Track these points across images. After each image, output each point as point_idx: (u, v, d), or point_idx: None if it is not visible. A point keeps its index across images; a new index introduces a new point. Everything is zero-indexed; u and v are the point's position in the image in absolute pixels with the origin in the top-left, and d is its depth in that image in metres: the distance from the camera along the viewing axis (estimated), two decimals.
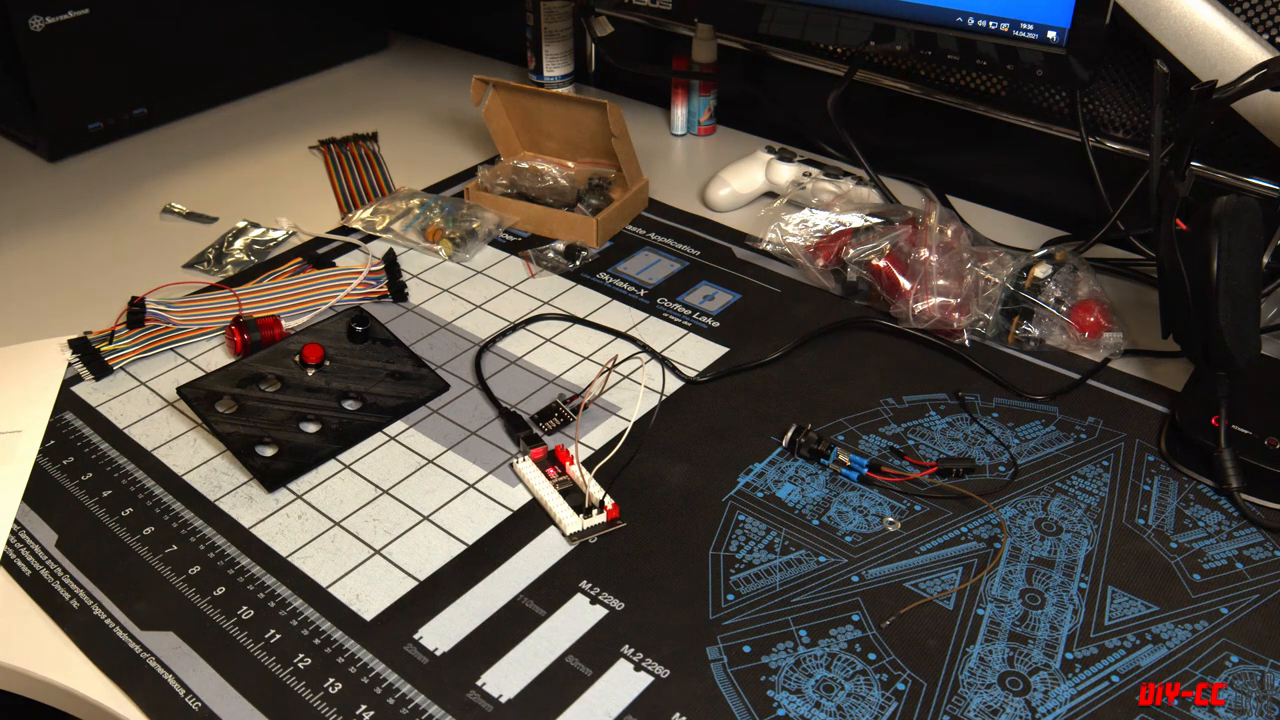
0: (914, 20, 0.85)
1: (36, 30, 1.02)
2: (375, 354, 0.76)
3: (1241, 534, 0.65)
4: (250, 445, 0.69)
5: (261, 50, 1.24)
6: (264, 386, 0.73)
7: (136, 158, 1.11)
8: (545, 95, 1.00)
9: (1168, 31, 0.81)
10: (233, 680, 0.55)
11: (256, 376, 0.73)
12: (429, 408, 0.75)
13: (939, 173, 1.04)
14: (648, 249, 0.94)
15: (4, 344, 0.81)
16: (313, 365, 0.74)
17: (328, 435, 0.71)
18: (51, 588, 0.61)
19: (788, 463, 0.70)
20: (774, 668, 0.56)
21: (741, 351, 0.80)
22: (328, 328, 0.77)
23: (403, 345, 0.77)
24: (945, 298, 0.80)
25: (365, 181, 1.05)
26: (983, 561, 0.63)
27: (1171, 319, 0.72)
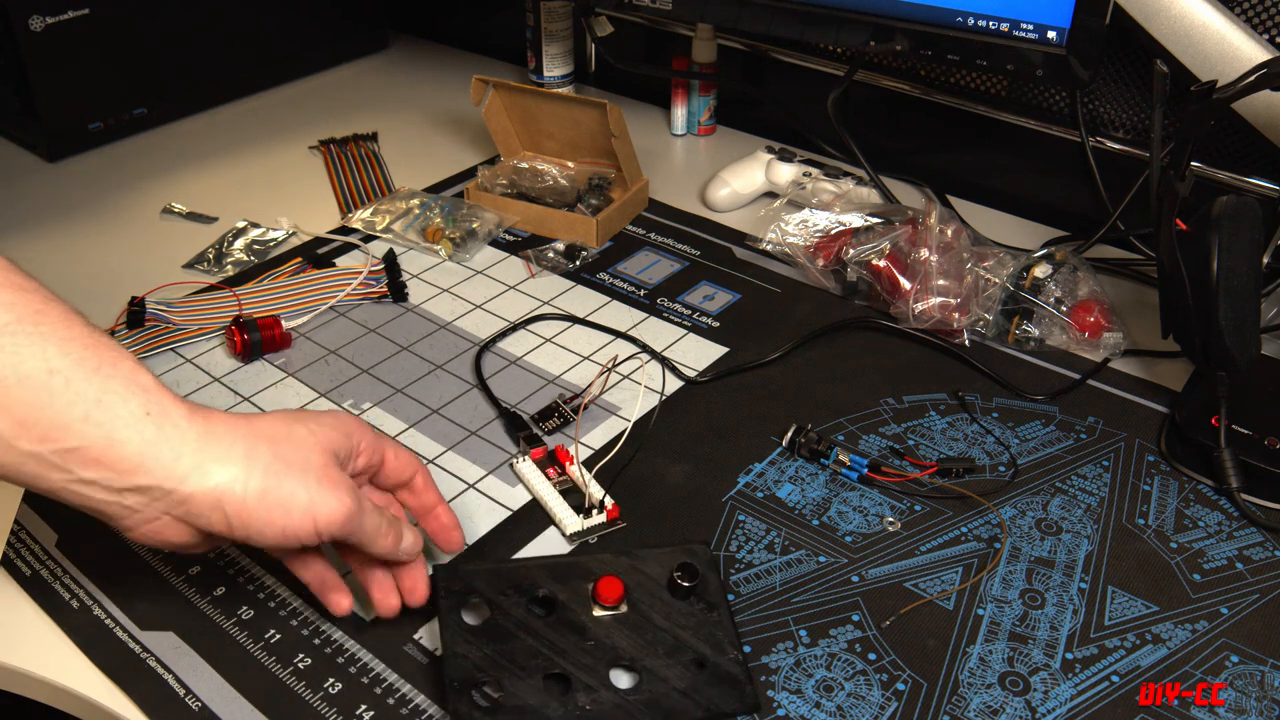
0: (914, 20, 0.85)
1: (36, 30, 1.02)
2: (691, 622, 0.57)
3: (1241, 534, 0.65)
4: (472, 684, 0.53)
5: (261, 50, 1.24)
6: (533, 607, 0.57)
7: (136, 158, 1.11)
8: (545, 95, 1.00)
9: (1168, 31, 0.81)
10: (233, 680, 0.55)
11: (531, 587, 0.58)
12: (428, 407, 0.75)
13: (939, 173, 1.04)
14: (648, 249, 0.94)
15: None
16: (605, 604, 0.57)
17: (568, 711, 0.52)
18: (51, 588, 0.61)
19: (788, 463, 0.70)
20: (774, 668, 0.56)
21: (741, 351, 0.80)
22: (649, 566, 0.60)
23: (732, 624, 0.57)
24: (945, 298, 0.80)
25: (365, 181, 1.05)
26: (983, 561, 0.63)
27: (1171, 319, 0.72)
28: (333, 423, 0.54)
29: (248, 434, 0.50)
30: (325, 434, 0.53)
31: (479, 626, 0.56)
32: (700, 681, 0.54)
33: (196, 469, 0.48)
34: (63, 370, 0.46)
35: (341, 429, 0.54)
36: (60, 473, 0.47)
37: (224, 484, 0.48)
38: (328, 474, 0.51)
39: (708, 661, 0.55)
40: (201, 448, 0.48)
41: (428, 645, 0.57)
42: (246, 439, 0.50)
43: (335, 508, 0.50)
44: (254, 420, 0.52)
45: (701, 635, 0.56)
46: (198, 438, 0.48)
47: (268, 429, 0.51)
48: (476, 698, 0.52)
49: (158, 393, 0.49)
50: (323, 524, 0.50)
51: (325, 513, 0.50)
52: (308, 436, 0.52)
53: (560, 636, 0.56)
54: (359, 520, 0.52)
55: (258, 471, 0.49)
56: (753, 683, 0.54)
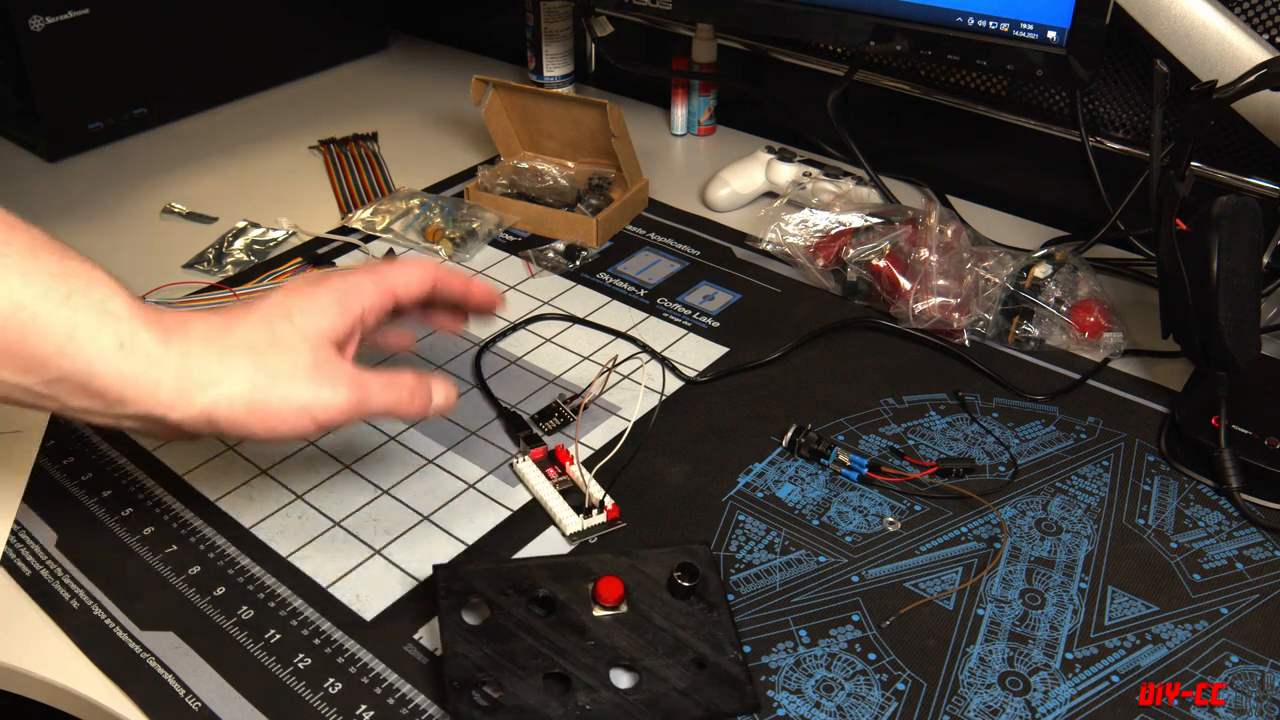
0: (914, 20, 0.85)
1: (36, 30, 1.02)
2: (691, 622, 0.57)
3: (1241, 534, 0.65)
4: (472, 683, 0.53)
5: (261, 50, 1.24)
6: (533, 607, 0.57)
7: (136, 158, 1.11)
8: (545, 95, 1.00)
9: (1168, 31, 0.81)
10: (233, 680, 0.55)
11: (531, 587, 0.58)
12: None
13: (939, 173, 1.04)
14: (648, 249, 0.94)
15: None
16: (605, 604, 0.57)
17: (568, 711, 0.52)
18: (51, 588, 0.61)
19: (788, 463, 0.70)
20: (774, 668, 0.56)
21: (741, 351, 0.80)
22: (650, 566, 0.60)
23: (732, 623, 0.57)
24: (945, 298, 0.80)
25: (365, 181, 1.05)
26: (983, 561, 0.63)
27: (1171, 319, 0.72)
28: (326, 304, 0.52)
29: (228, 347, 0.49)
30: (315, 322, 0.51)
31: (479, 626, 0.56)
32: (700, 681, 0.54)
33: (180, 396, 0.47)
34: (28, 304, 0.45)
35: (337, 306, 0.52)
36: (53, 401, 0.47)
37: (209, 405, 0.48)
38: (320, 370, 0.50)
39: (708, 661, 0.55)
40: (180, 375, 0.47)
41: (428, 645, 0.57)
42: (227, 353, 0.49)
43: (332, 405, 0.49)
44: (233, 326, 0.50)
45: (701, 635, 0.56)
46: (175, 365, 0.48)
47: (247, 338, 0.50)
48: (476, 698, 0.52)
49: (130, 320, 0.47)
50: (323, 421, 0.49)
51: (323, 411, 0.49)
52: (293, 334, 0.50)
53: (560, 636, 0.56)
54: (364, 408, 0.51)
55: (242, 387, 0.48)
56: (753, 683, 0.54)
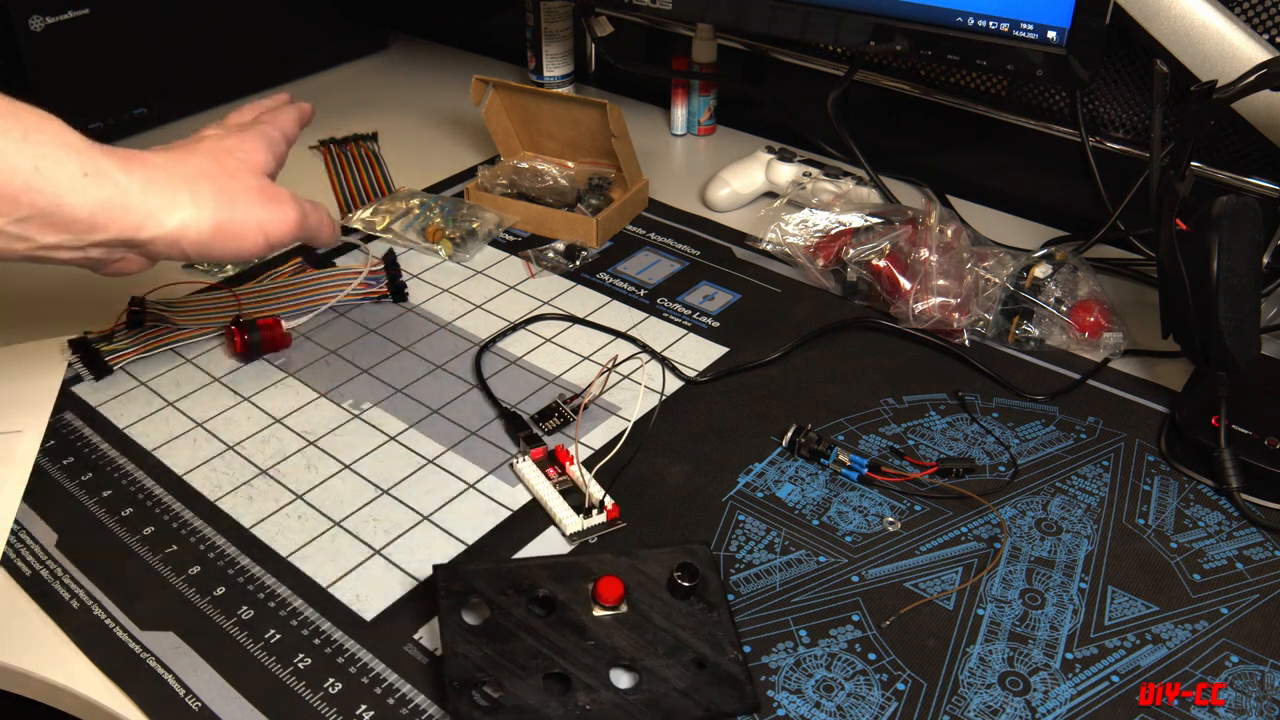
0: (914, 20, 0.85)
1: (36, 30, 1.02)
2: (691, 622, 0.57)
3: (1241, 534, 0.65)
4: (472, 683, 0.53)
5: (261, 50, 1.24)
6: (533, 607, 0.57)
7: None
8: (545, 95, 1.00)
9: (1168, 31, 0.81)
10: (233, 680, 0.55)
11: (531, 587, 0.58)
12: (428, 407, 0.75)
13: (939, 173, 1.04)
14: (648, 249, 0.94)
15: (4, 344, 0.81)
16: (605, 604, 0.57)
17: (568, 711, 0.52)
18: (51, 588, 0.61)
19: (788, 463, 0.70)
20: (774, 668, 0.56)
21: (741, 351, 0.80)
22: (650, 566, 0.60)
23: (732, 624, 0.57)
24: (945, 298, 0.80)
25: (365, 181, 1.05)
26: (983, 561, 0.63)
27: (1171, 319, 0.72)
28: (254, 144, 0.60)
29: (187, 175, 0.54)
30: (254, 158, 0.58)
31: (479, 626, 0.56)
32: (700, 681, 0.54)
33: (149, 218, 0.51)
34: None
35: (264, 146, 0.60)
36: (23, 242, 0.50)
37: (178, 225, 0.52)
38: (267, 192, 0.57)
39: (708, 661, 0.55)
40: (147, 198, 0.52)
41: (428, 645, 0.57)
42: (188, 180, 0.54)
43: (284, 220, 0.56)
44: (185, 158, 0.55)
45: (701, 635, 0.56)
46: (141, 189, 0.52)
47: (202, 167, 0.55)
48: (476, 698, 0.52)
49: (89, 151, 0.51)
50: (274, 237, 0.56)
51: (276, 227, 0.56)
52: (240, 165, 0.57)
53: (560, 636, 0.55)
54: (304, 223, 0.58)
55: (208, 209, 0.53)
56: (753, 683, 0.54)
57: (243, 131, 0.62)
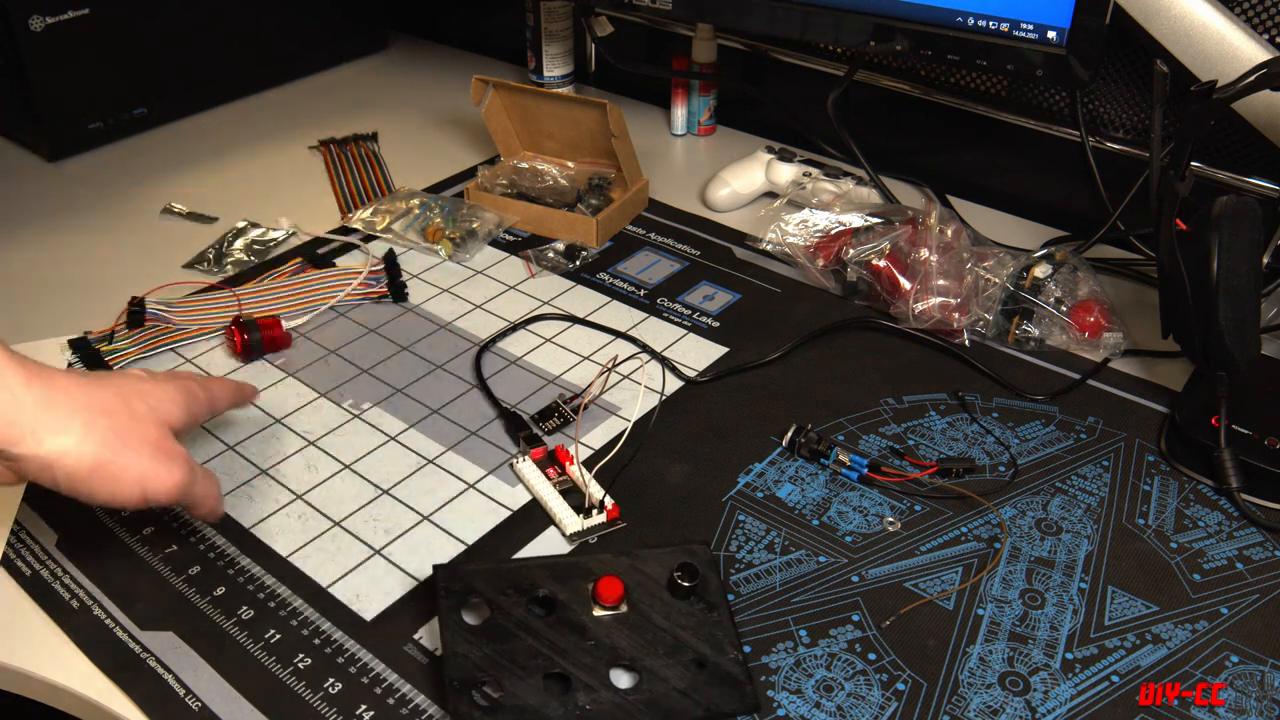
0: (914, 20, 0.85)
1: (36, 30, 1.02)
2: (691, 622, 0.57)
3: (1241, 534, 0.65)
4: (472, 683, 0.53)
5: (261, 50, 1.24)
6: (533, 607, 0.57)
7: (136, 158, 1.11)
8: (545, 95, 1.00)
9: (1168, 31, 0.81)
10: (233, 680, 0.55)
11: (531, 587, 0.58)
12: (428, 407, 0.75)
13: (939, 173, 1.04)
14: (648, 249, 0.94)
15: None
16: (605, 604, 0.57)
17: (568, 711, 0.52)
18: (51, 588, 0.61)
19: (788, 463, 0.70)
20: (774, 668, 0.56)
21: (741, 351, 0.80)
22: (650, 566, 0.60)
23: (732, 624, 0.57)
24: (945, 298, 0.80)
25: (365, 181, 1.05)
26: (983, 561, 0.63)
27: (1171, 319, 0.72)
28: (173, 396, 0.58)
29: (86, 407, 0.52)
30: (165, 409, 0.56)
31: (479, 626, 0.56)
32: (700, 681, 0.54)
33: (30, 435, 0.50)
34: None
35: (182, 403, 0.58)
36: None
37: (57, 452, 0.51)
38: (162, 446, 0.55)
39: (708, 661, 0.55)
40: (37, 416, 0.51)
41: (428, 645, 0.57)
42: (85, 413, 0.52)
43: (165, 480, 0.54)
44: (93, 389, 0.54)
45: (701, 635, 0.56)
46: (35, 405, 0.51)
47: (106, 402, 0.53)
48: (476, 698, 0.52)
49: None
50: (151, 494, 0.54)
51: (155, 485, 0.53)
52: (147, 413, 0.55)
53: (560, 636, 0.55)
54: (189, 490, 0.56)
55: (93, 444, 0.52)
56: (753, 683, 0.54)
57: (168, 380, 0.59)
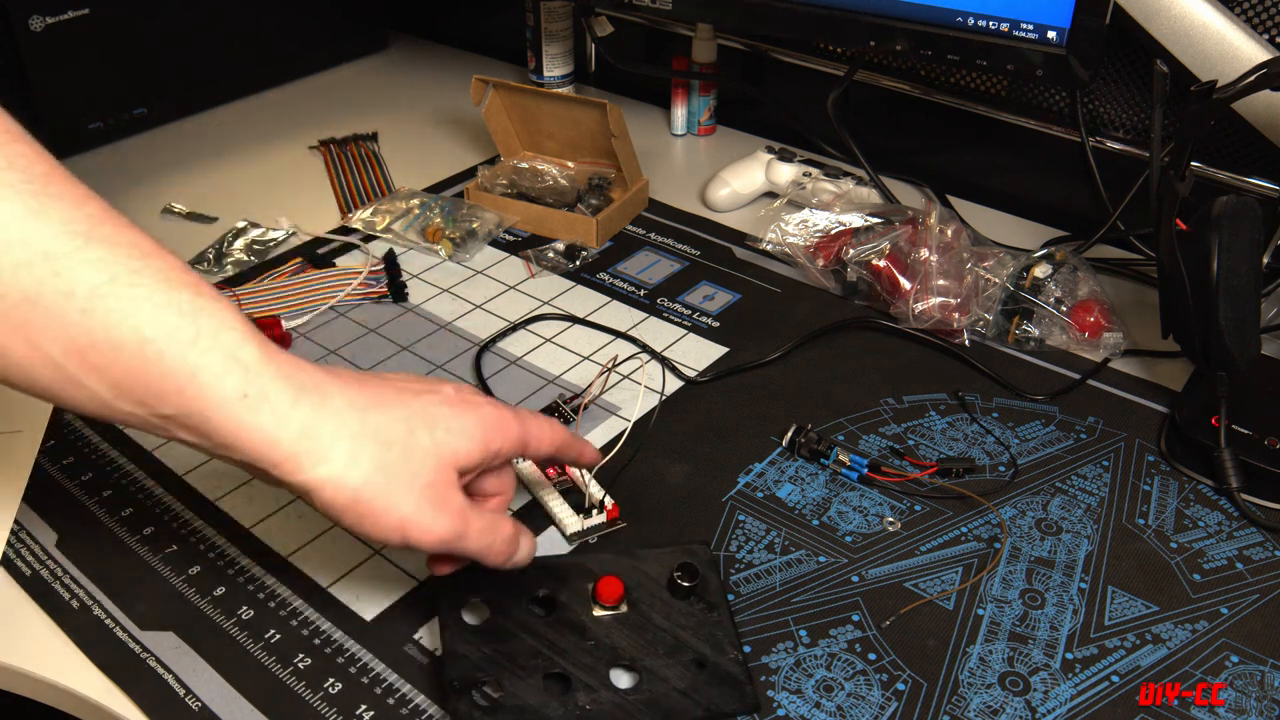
0: (914, 20, 0.85)
1: (36, 30, 1.02)
2: (691, 622, 0.57)
3: (1241, 534, 0.65)
4: (472, 683, 0.52)
5: (261, 50, 1.24)
6: (533, 607, 0.57)
7: (136, 158, 1.11)
8: (545, 95, 1.00)
9: (1168, 31, 0.81)
10: (233, 680, 0.55)
11: (531, 587, 0.58)
12: None
13: (939, 173, 1.04)
14: (648, 249, 0.94)
15: None
16: (605, 604, 0.57)
17: (568, 711, 0.52)
18: (51, 588, 0.61)
19: (788, 463, 0.70)
20: (774, 668, 0.56)
21: (741, 351, 0.80)
22: (650, 566, 0.59)
23: (732, 624, 0.57)
24: (945, 298, 0.80)
25: (365, 181, 1.05)
26: (983, 561, 0.63)
27: (1171, 319, 0.72)
28: (471, 430, 0.49)
29: (357, 433, 0.46)
30: (454, 445, 0.48)
31: (479, 626, 0.56)
32: (700, 681, 0.54)
33: (291, 459, 0.45)
34: (155, 340, 0.43)
35: (480, 437, 0.50)
36: (161, 430, 0.45)
37: (316, 481, 0.45)
38: (435, 490, 0.47)
39: (708, 661, 0.55)
40: (300, 439, 0.45)
41: (428, 645, 0.57)
42: (353, 439, 0.46)
43: (429, 530, 0.47)
44: (372, 413, 0.47)
45: (701, 635, 0.56)
46: (299, 429, 0.45)
47: (384, 429, 0.47)
48: (476, 698, 0.52)
49: (259, 370, 0.44)
50: (413, 540, 0.47)
51: (417, 532, 0.47)
52: (430, 448, 0.48)
53: (560, 636, 0.55)
54: (457, 543, 0.49)
55: (355, 476, 0.45)
56: (753, 683, 0.54)
57: (472, 408, 0.50)
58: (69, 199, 0.43)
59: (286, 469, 0.45)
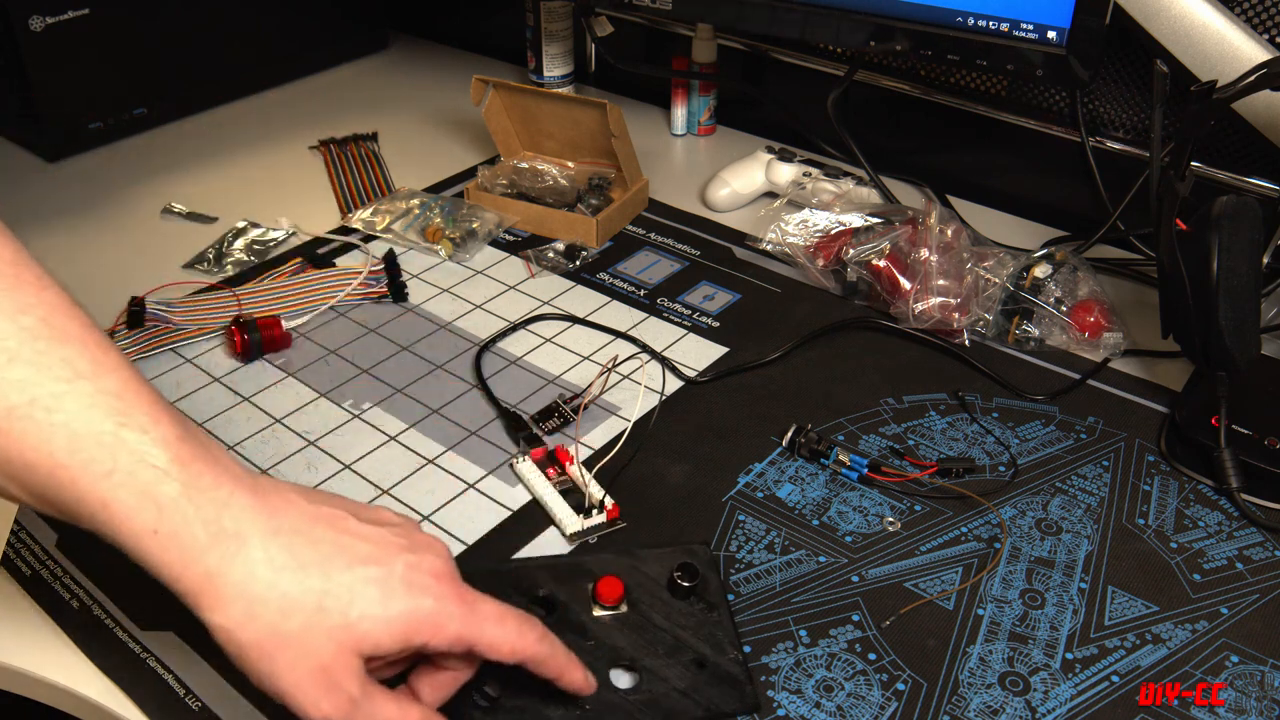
0: (914, 20, 0.85)
1: (36, 30, 1.02)
2: (692, 621, 0.57)
3: (1241, 534, 0.65)
4: (471, 683, 0.50)
5: (261, 50, 1.24)
6: (533, 607, 0.57)
7: (136, 158, 1.11)
8: (545, 95, 1.00)
9: (1168, 31, 0.81)
10: (233, 680, 0.55)
11: (531, 587, 0.58)
12: (428, 407, 0.75)
13: (939, 173, 1.04)
14: (648, 249, 0.94)
15: None
16: (605, 604, 0.57)
17: (568, 711, 0.52)
18: (51, 588, 0.61)
19: (788, 463, 0.70)
20: (774, 668, 0.56)
21: (741, 351, 0.80)
22: (650, 566, 0.59)
23: (732, 624, 0.57)
24: (945, 298, 0.80)
25: (365, 181, 1.05)
26: (983, 561, 0.63)
27: (1171, 319, 0.72)
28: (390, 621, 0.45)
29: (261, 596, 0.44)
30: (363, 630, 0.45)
31: None
32: (700, 681, 0.54)
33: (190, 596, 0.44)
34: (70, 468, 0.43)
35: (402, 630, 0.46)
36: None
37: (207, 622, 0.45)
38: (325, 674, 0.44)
39: (708, 661, 0.55)
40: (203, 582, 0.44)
41: None
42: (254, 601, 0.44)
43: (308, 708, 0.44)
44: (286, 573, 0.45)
45: (701, 635, 0.56)
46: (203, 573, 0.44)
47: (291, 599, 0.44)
48: (476, 698, 0.52)
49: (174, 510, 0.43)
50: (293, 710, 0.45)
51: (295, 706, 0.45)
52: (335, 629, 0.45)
53: (560, 636, 0.55)
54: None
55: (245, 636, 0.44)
56: (753, 683, 0.54)
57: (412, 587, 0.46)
58: (7, 309, 0.43)
59: (187, 601, 0.45)
